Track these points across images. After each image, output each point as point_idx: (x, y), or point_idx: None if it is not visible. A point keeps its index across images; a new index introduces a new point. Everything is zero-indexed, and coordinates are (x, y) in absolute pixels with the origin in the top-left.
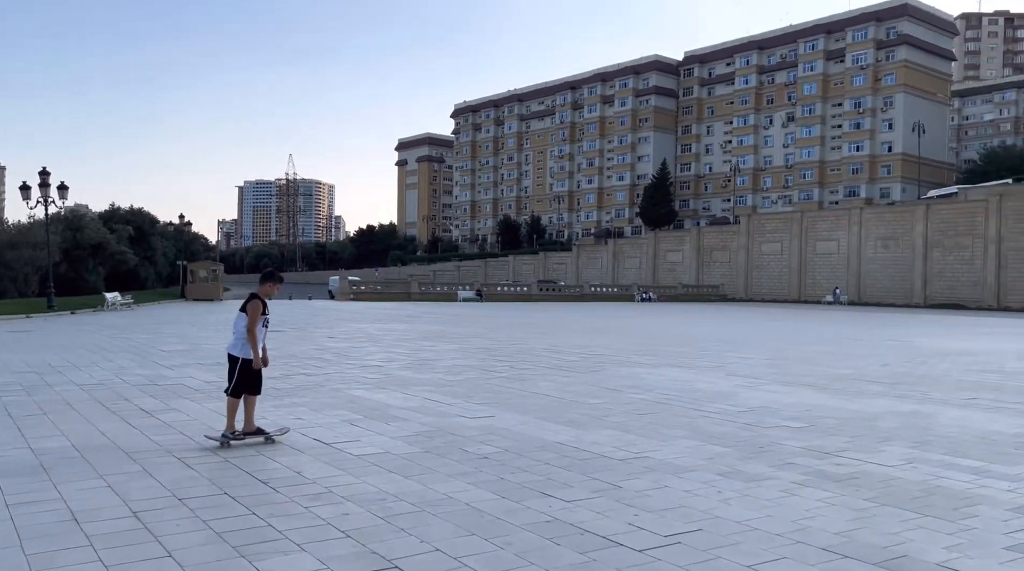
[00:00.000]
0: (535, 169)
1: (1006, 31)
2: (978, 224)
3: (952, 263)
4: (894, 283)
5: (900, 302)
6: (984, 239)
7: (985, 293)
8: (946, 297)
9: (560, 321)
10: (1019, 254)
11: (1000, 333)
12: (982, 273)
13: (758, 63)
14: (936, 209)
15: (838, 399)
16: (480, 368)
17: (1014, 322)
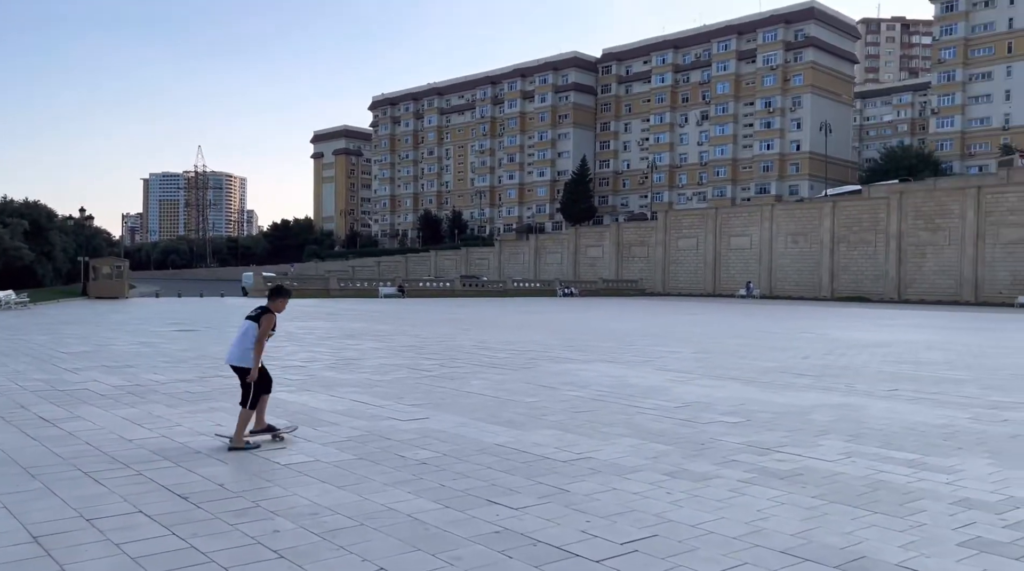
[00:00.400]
0: (456, 163)
1: (903, 36)
2: (880, 220)
3: (857, 258)
4: (803, 277)
5: (809, 295)
6: (886, 235)
7: (887, 286)
8: (851, 290)
9: (485, 317)
10: (918, 249)
11: (904, 325)
12: (884, 267)
13: (674, 62)
14: (842, 206)
15: (768, 393)
16: (409, 367)
17: (915, 313)
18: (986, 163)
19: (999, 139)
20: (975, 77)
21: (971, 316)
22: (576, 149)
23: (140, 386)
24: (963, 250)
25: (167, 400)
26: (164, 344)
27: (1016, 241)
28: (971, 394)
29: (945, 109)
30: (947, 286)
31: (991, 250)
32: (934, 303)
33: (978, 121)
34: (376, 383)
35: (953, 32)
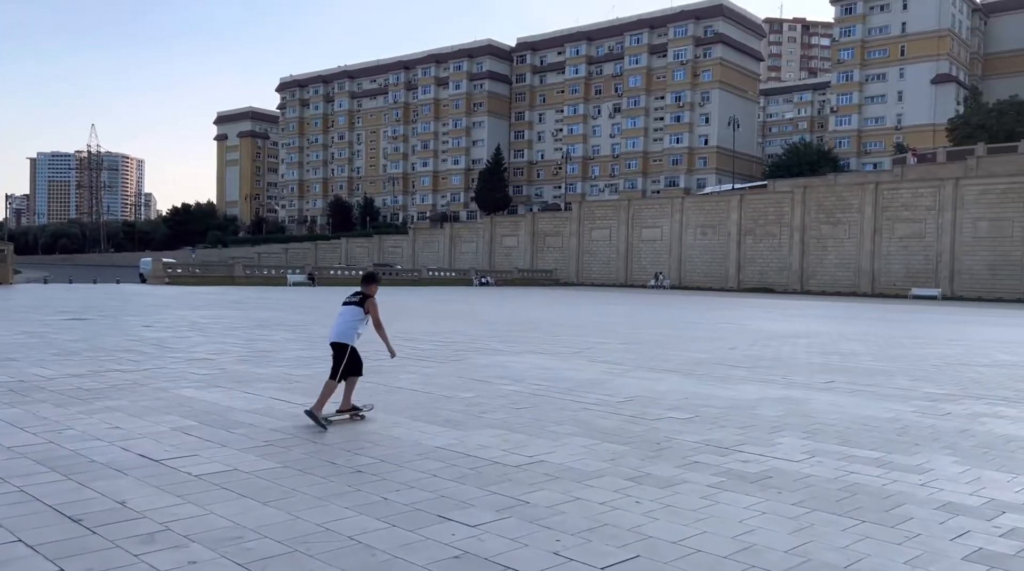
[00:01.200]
0: (368, 149)
1: (803, 37)
2: (785, 214)
3: (762, 250)
4: (711, 268)
5: (717, 286)
6: (790, 228)
7: (790, 278)
8: (757, 281)
9: (403, 306)
10: (820, 242)
11: (815, 315)
12: (788, 259)
13: (587, 54)
14: (748, 199)
15: (708, 385)
16: (330, 359)
17: (821, 304)
18: (880, 161)
19: (893, 138)
20: (871, 78)
21: (873, 307)
22: (491, 138)
23: (23, 383)
24: (861, 244)
25: (55, 399)
26: (53, 334)
27: (909, 236)
28: (904, 386)
29: (844, 108)
30: (846, 278)
31: (887, 244)
32: (834, 294)
33: (873, 120)
34: (295, 378)
35: (851, 34)
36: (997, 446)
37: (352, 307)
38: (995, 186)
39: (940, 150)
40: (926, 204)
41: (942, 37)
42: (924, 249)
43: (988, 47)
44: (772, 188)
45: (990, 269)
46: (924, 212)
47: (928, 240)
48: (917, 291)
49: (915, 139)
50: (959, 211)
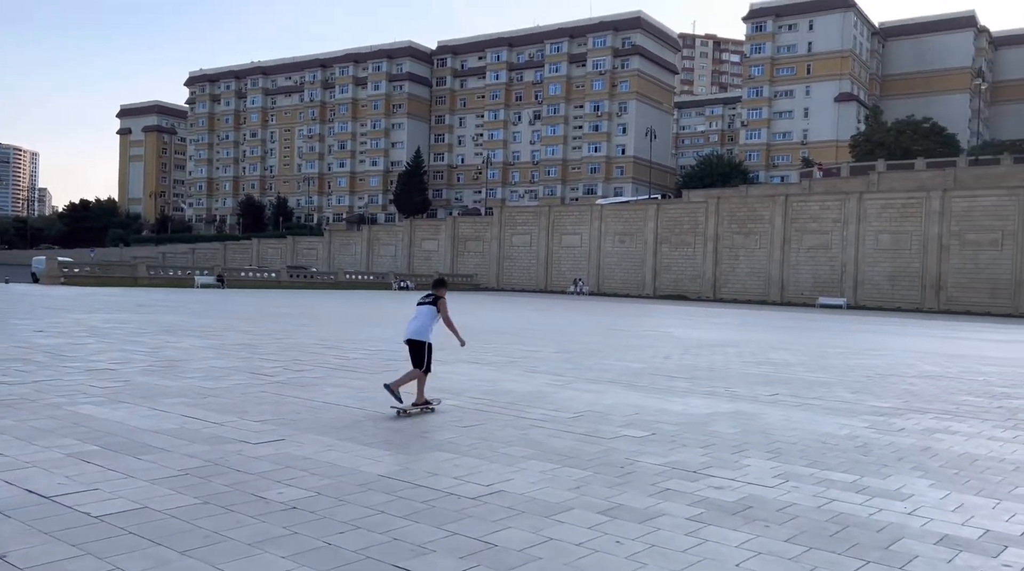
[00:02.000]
0: (281, 148)
1: (714, 53)
2: (699, 223)
3: (677, 258)
4: (628, 275)
5: (633, 293)
6: (704, 237)
7: (704, 286)
8: (672, 289)
9: (321, 310)
10: (732, 252)
11: (733, 323)
12: (702, 268)
13: (508, 60)
14: (665, 209)
15: (654, 398)
16: (247, 370)
17: (735, 312)
18: (788, 174)
19: (799, 152)
20: (779, 94)
21: (786, 315)
22: (411, 140)
23: None
24: (771, 254)
25: None
26: None
27: (816, 246)
28: (847, 399)
29: (754, 122)
30: (757, 286)
31: (795, 254)
32: (745, 302)
33: (781, 134)
34: (209, 392)
35: (762, 51)
36: (964, 466)
37: (427, 307)
38: (895, 201)
39: (844, 165)
40: (832, 216)
41: (844, 58)
42: (830, 260)
43: (885, 69)
44: (687, 198)
45: (890, 280)
46: (830, 224)
47: (834, 251)
48: (824, 300)
49: (819, 154)
50: (863, 224)
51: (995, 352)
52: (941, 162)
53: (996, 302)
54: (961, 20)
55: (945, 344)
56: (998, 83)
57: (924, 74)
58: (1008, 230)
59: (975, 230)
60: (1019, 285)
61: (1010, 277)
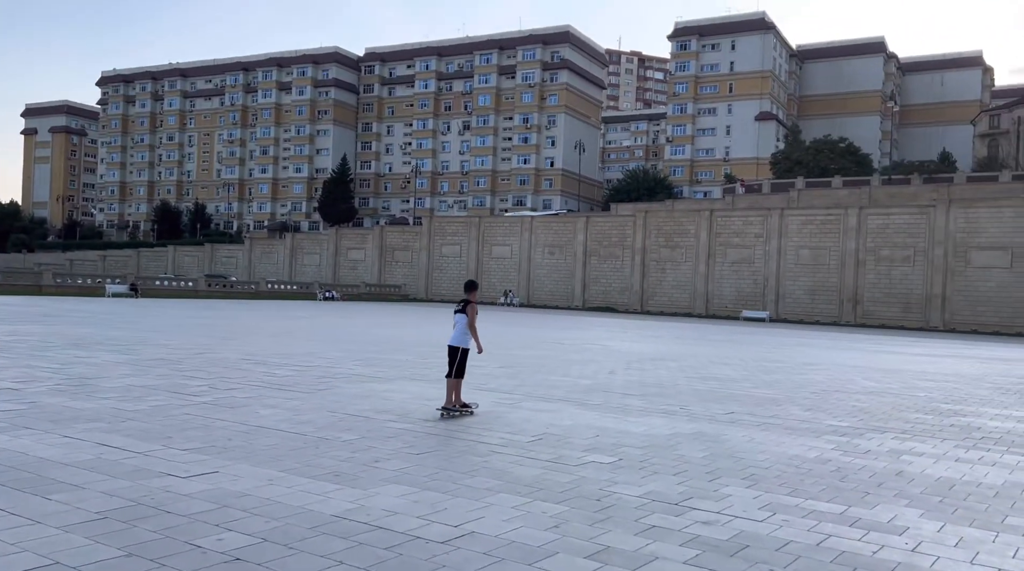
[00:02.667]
0: (200, 152)
1: (639, 70)
2: (627, 236)
3: (606, 271)
4: (558, 287)
5: (563, 304)
6: (632, 250)
7: (631, 298)
8: (601, 301)
9: (244, 323)
10: (659, 265)
11: (667, 336)
12: (630, 280)
13: (437, 69)
14: (594, 221)
15: (610, 418)
16: (168, 389)
17: (665, 325)
18: (711, 189)
19: (722, 169)
20: (703, 111)
21: (714, 328)
22: (336, 147)
23: None
24: (696, 267)
25: None
26: None
27: (739, 261)
28: (803, 417)
29: (678, 138)
30: (683, 299)
31: (720, 268)
32: (672, 314)
33: (705, 151)
34: (128, 415)
35: (686, 69)
36: (945, 492)
37: (461, 315)
38: (815, 217)
39: (765, 182)
40: (755, 232)
41: (764, 78)
42: (753, 274)
43: (802, 90)
44: (615, 212)
45: (810, 294)
46: (753, 239)
47: (756, 265)
48: (747, 313)
49: (741, 170)
50: (784, 239)
51: (924, 366)
52: (856, 181)
53: (908, 316)
54: (872, 46)
55: (874, 358)
56: (905, 107)
57: (838, 96)
58: (919, 247)
59: (889, 246)
60: (929, 300)
61: (921, 292)
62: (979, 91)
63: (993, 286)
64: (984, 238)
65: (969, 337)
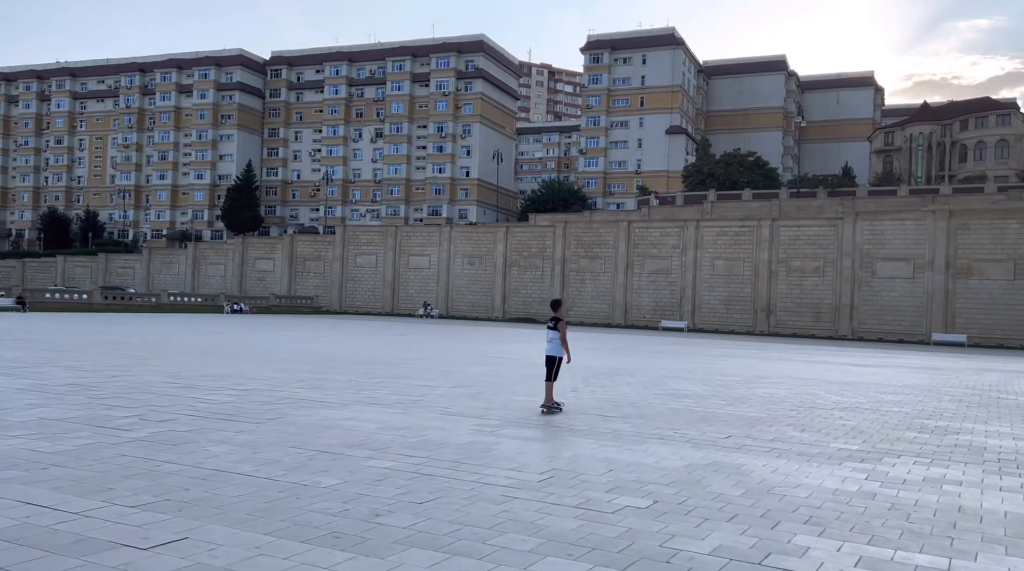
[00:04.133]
0: (92, 156)
1: (549, 82)
2: (547, 247)
3: (527, 281)
4: (478, 298)
5: (483, 316)
6: (552, 261)
7: None
8: (521, 312)
9: (152, 338)
10: (579, 275)
11: (605, 348)
12: (550, 291)
13: (348, 75)
14: (513, 232)
15: (612, 447)
16: (90, 423)
17: (592, 335)
18: (624, 201)
19: (634, 181)
20: (615, 124)
21: (641, 339)
22: (241, 153)
23: None
24: (615, 278)
25: None
26: None
27: (656, 271)
28: (806, 440)
29: (591, 150)
30: (602, 310)
31: (638, 278)
32: (592, 325)
33: (617, 163)
34: (49, 459)
35: (599, 82)
36: None
37: (553, 331)
38: (729, 229)
39: (679, 194)
40: (672, 243)
41: (675, 92)
42: (670, 284)
43: (709, 105)
44: (534, 222)
45: (725, 304)
46: (670, 250)
47: (673, 276)
48: (666, 323)
49: (652, 183)
50: (700, 250)
51: (870, 377)
52: (766, 193)
53: (819, 325)
54: (774, 63)
55: (816, 369)
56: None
57: (742, 112)
58: (828, 258)
59: (800, 258)
60: (838, 310)
61: (831, 302)
62: (871, 109)
63: (897, 295)
64: (888, 249)
65: (878, 345)
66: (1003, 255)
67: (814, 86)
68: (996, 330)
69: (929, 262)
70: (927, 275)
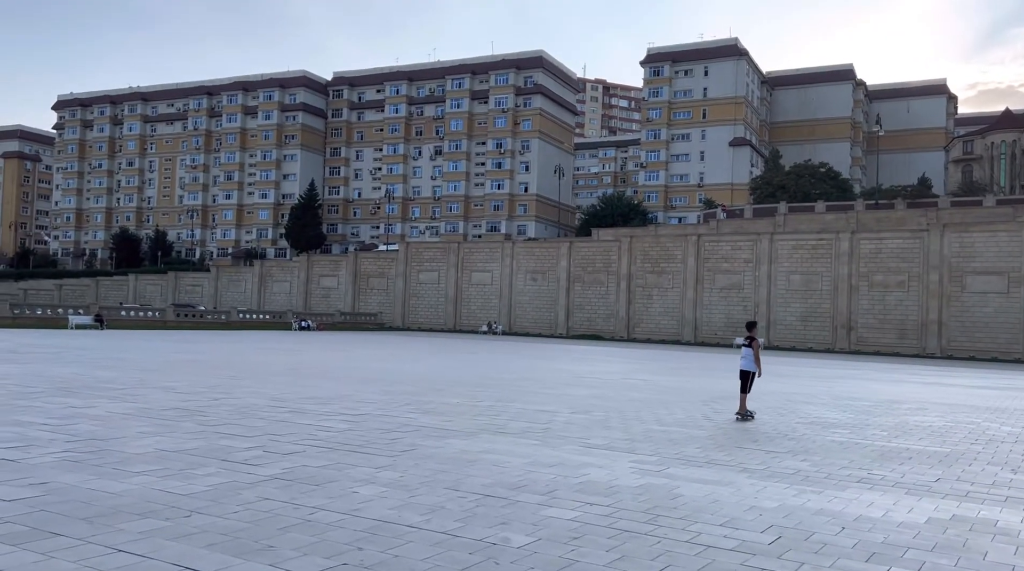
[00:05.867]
0: (161, 178)
1: (604, 98)
2: (612, 262)
3: (591, 297)
4: (541, 314)
5: (547, 332)
6: (617, 276)
7: (617, 325)
8: (586, 328)
9: (234, 357)
10: (645, 291)
11: (692, 367)
12: (615, 306)
13: (408, 94)
14: (577, 247)
15: (813, 495)
16: (213, 455)
17: (670, 354)
18: (685, 215)
19: (696, 194)
20: (677, 137)
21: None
22: (304, 172)
23: None
24: (684, 293)
25: None
26: None
27: (728, 287)
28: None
29: (651, 164)
30: (670, 326)
31: (708, 294)
32: (659, 342)
33: (679, 177)
34: (187, 504)
35: (659, 95)
36: None
37: (747, 348)
38: (805, 242)
39: (747, 207)
40: (743, 257)
41: (738, 104)
42: (743, 300)
43: (773, 116)
44: (597, 237)
45: (802, 320)
46: (742, 264)
47: (746, 291)
48: (740, 340)
49: (716, 196)
50: (774, 264)
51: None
52: (840, 205)
53: (904, 343)
54: (841, 73)
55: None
56: (874, 133)
57: (808, 122)
58: (914, 272)
59: (882, 271)
60: (925, 327)
61: (917, 318)
62: (944, 118)
63: (990, 311)
64: (979, 262)
65: (970, 364)
66: None
67: (883, 95)
68: None
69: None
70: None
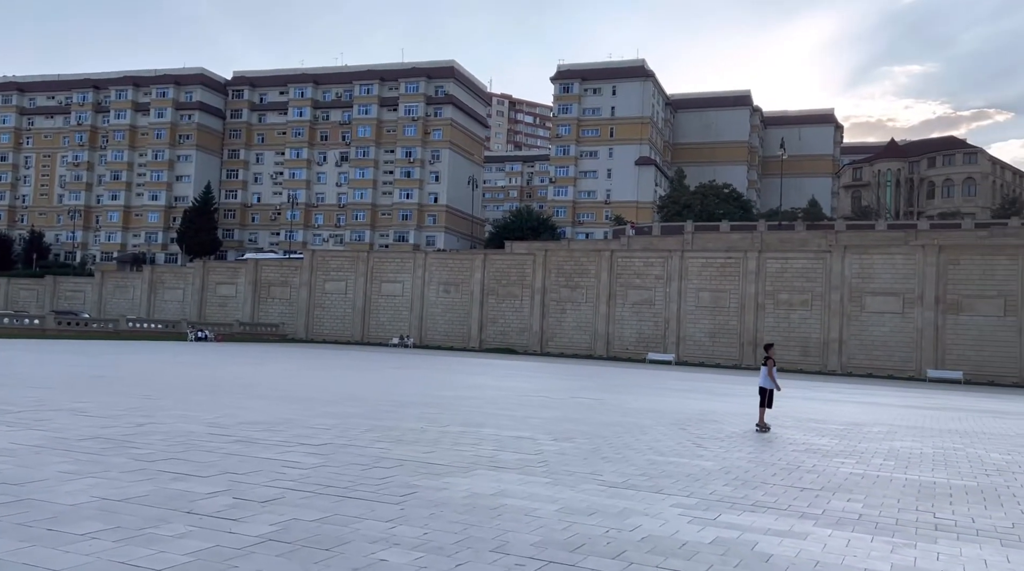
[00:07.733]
0: (39, 175)
1: (510, 113)
2: (527, 275)
3: (504, 310)
4: (453, 327)
5: (459, 345)
6: (532, 289)
7: (531, 339)
8: (499, 341)
9: (141, 372)
10: (559, 305)
11: (621, 384)
12: (529, 320)
13: (313, 97)
14: (492, 259)
15: (893, 548)
16: (173, 507)
17: (590, 369)
18: (592, 230)
19: (603, 211)
20: (585, 154)
21: (639, 372)
22: (199, 174)
23: None
24: (597, 308)
25: None
26: None
27: (640, 302)
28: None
29: (560, 179)
30: (583, 341)
31: (621, 309)
32: (572, 356)
33: (586, 193)
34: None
35: (569, 111)
36: None
37: (764, 367)
38: (714, 260)
39: (655, 225)
40: (655, 273)
41: (644, 124)
42: (654, 315)
43: (676, 137)
44: (510, 249)
45: (711, 336)
46: (654, 280)
47: (657, 307)
48: (653, 356)
49: (622, 213)
50: (684, 281)
51: (964, 424)
52: (744, 225)
53: (807, 360)
54: (739, 98)
55: (890, 412)
56: (768, 157)
57: (709, 145)
58: (816, 292)
59: (787, 290)
60: (827, 344)
61: (820, 336)
62: (831, 146)
63: (887, 331)
64: (877, 284)
65: (869, 381)
66: (993, 291)
67: (777, 122)
68: (987, 367)
69: (919, 297)
70: (917, 310)
